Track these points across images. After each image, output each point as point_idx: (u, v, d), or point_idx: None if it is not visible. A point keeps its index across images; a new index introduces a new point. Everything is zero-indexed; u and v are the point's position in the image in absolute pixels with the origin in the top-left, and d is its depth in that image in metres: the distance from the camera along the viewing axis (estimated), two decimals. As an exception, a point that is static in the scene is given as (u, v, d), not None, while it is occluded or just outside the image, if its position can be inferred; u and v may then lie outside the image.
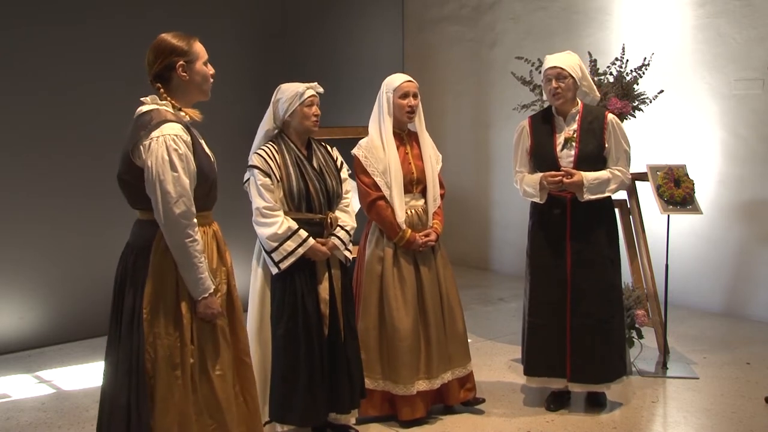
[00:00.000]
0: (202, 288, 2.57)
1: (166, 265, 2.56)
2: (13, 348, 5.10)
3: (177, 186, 2.49)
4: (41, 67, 5.14)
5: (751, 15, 5.59)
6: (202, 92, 2.71)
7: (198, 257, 2.55)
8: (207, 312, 2.60)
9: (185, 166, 2.52)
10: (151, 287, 2.55)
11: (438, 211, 3.86)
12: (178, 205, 2.49)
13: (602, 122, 3.82)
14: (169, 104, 2.62)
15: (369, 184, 3.75)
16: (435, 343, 3.77)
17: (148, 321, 2.54)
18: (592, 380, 3.90)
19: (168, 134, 2.51)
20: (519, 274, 6.99)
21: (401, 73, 3.86)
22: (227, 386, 2.68)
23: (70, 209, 5.27)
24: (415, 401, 3.75)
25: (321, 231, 3.45)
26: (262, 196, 3.36)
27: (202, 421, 2.61)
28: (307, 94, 3.44)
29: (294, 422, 3.44)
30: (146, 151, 2.50)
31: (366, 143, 3.80)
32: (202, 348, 2.62)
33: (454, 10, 7.74)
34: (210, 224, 2.73)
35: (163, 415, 2.53)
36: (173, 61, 2.60)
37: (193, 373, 2.58)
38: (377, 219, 3.77)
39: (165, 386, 2.53)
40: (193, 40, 2.66)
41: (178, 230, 2.51)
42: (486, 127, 7.56)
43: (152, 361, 2.53)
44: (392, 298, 3.72)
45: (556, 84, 3.77)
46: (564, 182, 3.76)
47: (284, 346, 3.38)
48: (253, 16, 6.35)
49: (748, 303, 5.73)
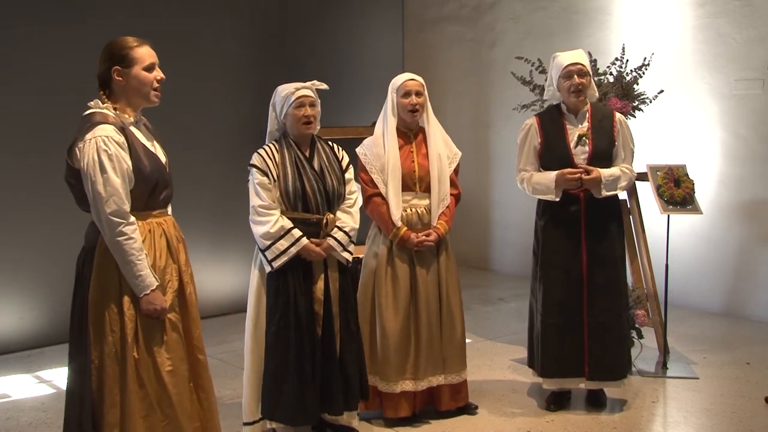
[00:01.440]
0: (143, 285, 2.63)
1: (108, 264, 2.64)
2: (13, 348, 5.10)
3: (107, 186, 2.57)
4: (41, 67, 5.14)
5: (751, 15, 5.59)
6: (143, 96, 2.75)
7: (135, 254, 2.61)
8: (150, 308, 2.66)
9: (115, 166, 2.59)
10: (95, 286, 2.63)
11: (446, 212, 3.81)
12: (108, 204, 2.57)
13: (611, 121, 3.87)
14: (110, 107, 2.69)
15: (366, 181, 3.77)
16: (425, 345, 3.75)
17: (93, 319, 2.62)
18: (610, 377, 3.90)
19: (99, 136, 2.59)
20: (519, 274, 7.02)
21: (407, 73, 3.86)
22: (179, 381, 2.73)
23: (70, 209, 5.22)
24: (399, 400, 3.75)
25: (317, 231, 3.44)
26: (258, 194, 3.37)
27: (154, 416, 2.66)
28: (295, 96, 3.41)
29: (283, 420, 3.45)
30: (80, 153, 2.60)
31: (368, 142, 3.83)
32: (149, 344, 2.67)
33: (454, 10, 7.74)
34: (159, 222, 2.77)
35: (110, 410, 2.62)
36: (108, 66, 2.69)
37: (139, 369, 2.64)
38: (372, 215, 3.79)
39: (111, 381, 2.63)
40: (140, 45, 2.72)
41: (111, 229, 2.58)
42: (486, 127, 7.56)
43: (99, 358, 2.62)
44: (383, 295, 3.73)
45: (578, 80, 3.78)
46: (583, 179, 3.77)
47: (275, 344, 3.39)
48: (253, 16, 6.35)
49: (748, 303, 5.73)
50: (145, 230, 2.68)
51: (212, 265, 5.94)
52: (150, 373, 2.66)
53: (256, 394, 3.46)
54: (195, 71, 5.80)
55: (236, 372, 4.55)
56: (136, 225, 2.63)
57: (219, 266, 5.94)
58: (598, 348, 3.86)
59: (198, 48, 5.83)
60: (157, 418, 2.67)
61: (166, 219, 2.82)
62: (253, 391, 3.48)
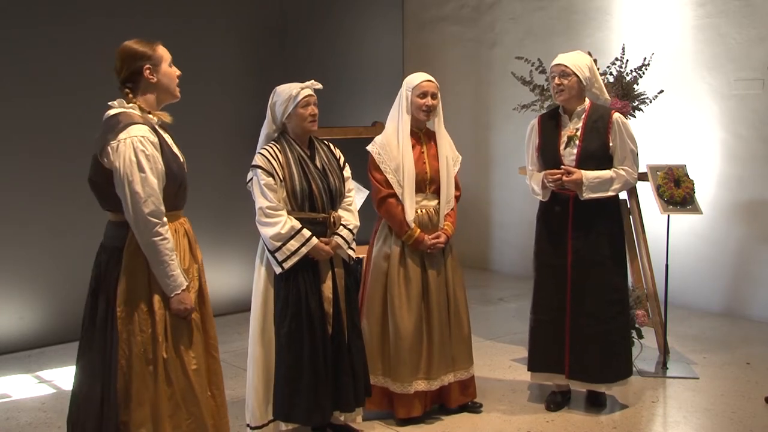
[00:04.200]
0: (174, 285, 2.64)
1: (138, 264, 2.63)
2: (13, 348, 5.10)
3: (145, 186, 2.56)
4: (43, 67, 5.14)
5: (751, 15, 5.59)
6: (170, 93, 2.77)
7: (169, 255, 2.62)
8: (180, 308, 2.66)
9: (152, 167, 2.59)
10: (124, 286, 2.62)
11: (451, 213, 3.85)
12: (146, 204, 2.57)
13: (607, 121, 3.82)
14: (136, 107, 2.69)
15: (381, 180, 3.76)
16: (437, 344, 3.78)
17: (122, 319, 2.61)
18: (590, 379, 3.91)
19: (135, 136, 2.57)
20: (519, 274, 7.03)
21: (423, 73, 3.85)
22: (202, 380, 2.75)
23: (70, 210, 5.26)
24: (412, 400, 3.76)
25: (324, 230, 3.45)
26: (266, 195, 3.36)
27: (180, 415, 2.68)
28: (302, 95, 3.43)
29: (299, 420, 3.43)
30: (114, 153, 2.57)
31: (381, 140, 3.80)
32: (177, 343, 2.68)
33: (453, 10, 7.74)
34: (181, 222, 2.79)
35: (138, 409, 2.61)
36: (139, 66, 2.68)
37: (167, 368, 2.65)
38: (386, 216, 3.78)
39: (140, 381, 2.61)
40: (156, 45, 2.74)
41: (147, 229, 2.58)
42: (486, 127, 7.56)
43: (126, 358, 2.60)
44: (396, 296, 3.73)
45: (558, 81, 3.80)
46: (563, 180, 3.77)
47: (288, 344, 3.38)
48: (253, 16, 6.35)
49: (748, 303, 5.73)
50: (171, 230, 2.68)
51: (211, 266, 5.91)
52: (178, 372, 2.67)
53: (265, 397, 3.45)
54: (195, 71, 5.78)
55: (236, 372, 4.55)
56: (167, 225, 2.64)
57: (218, 267, 5.93)
58: (578, 348, 3.88)
59: (198, 48, 5.83)
60: (182, 417, 2.68)
61: (185, 219, 2.83)
62: (260, 393, 3.45)
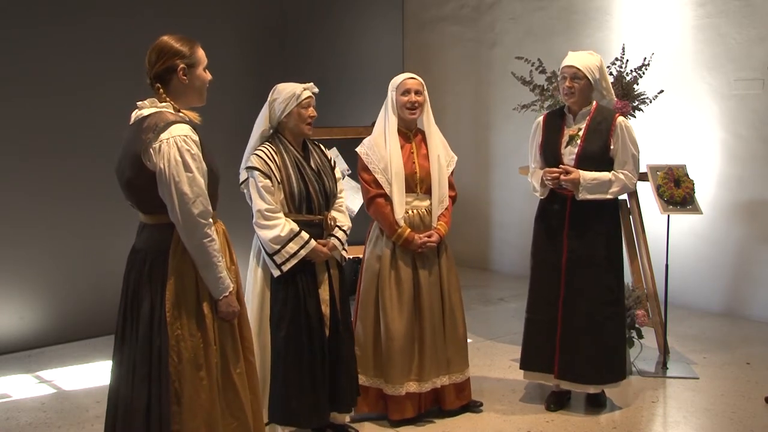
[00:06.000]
0: (222, 287, 2.58)
1: (186, 267, 2.55)
2: (13, 348, 5.09)
3: (193, 186, 2.48)
4: (43, 67, 5.13)
5: (751, 15, 5.59)
6: (200, 98, 2.70)
7: (217, 256, 2.55)
8: (228, 311, 2.61)
9: (198, 166, 2.51)
10: (172, 290, 2.53)
11: (445, 213, 3.83)
12: (195, 205, 2.49)
13: (610, 124, 3.81)
14: (170, 106, 2.60)
15: (369, 181, 3.76)
16: (429, 346, 3.77)
17: (171, 324, 2.52)
18: (579, 380, 3.89)
19: (178, 135, 2.49)
20: (519, 274, 7.02)
21: (407, 73, 3.86)
22: (245, 383, 2.70)
23: (70, 210, 5.26)
24: (404, 402, 3.75)
25: (320, 232, 3.45)
26: (263, 198, 3.34)
27: (226, 420, 2.62)
28: (304, 95, 3.43)
29: (297, 424, 3.43)
30: (157, 154, 2.47)
31: (369, 141, 3.81)
32: (223, 348, 2.63)
33: (453, 10, 7.74)
34: (219, 223, 2.72)
35: (191, 418, 2.52)
36: (175, 64, 2.59)
37: (217, 373, 2.59)
38: (376, 216, 3.78)
39: (191, 388, 2.53)
40: (196, 45, 2.65)
41: (197, 230, 2.50)
42: (486, 127, 7.55)
43: (175, 365, 2.51)
44: (387, 298, 3.73)
45: (569, 83, 3.79)
46: (561, 179, 3.77)
47: (285, 348, 3.37)
48: (253, 16, 6.35)
49: (748, 303, 5.73)
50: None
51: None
52: (225, 378, 2.62)
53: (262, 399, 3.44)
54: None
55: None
56: (213, 226, 2.58)
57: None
58: (568, 348, 3.87)
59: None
60: (228, 420, 2.63)
61: (219, 220, 2.76)
62: None
